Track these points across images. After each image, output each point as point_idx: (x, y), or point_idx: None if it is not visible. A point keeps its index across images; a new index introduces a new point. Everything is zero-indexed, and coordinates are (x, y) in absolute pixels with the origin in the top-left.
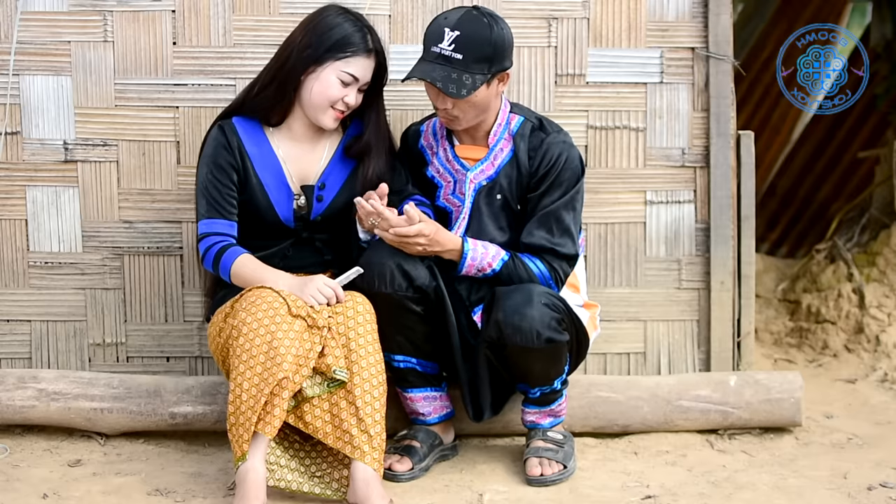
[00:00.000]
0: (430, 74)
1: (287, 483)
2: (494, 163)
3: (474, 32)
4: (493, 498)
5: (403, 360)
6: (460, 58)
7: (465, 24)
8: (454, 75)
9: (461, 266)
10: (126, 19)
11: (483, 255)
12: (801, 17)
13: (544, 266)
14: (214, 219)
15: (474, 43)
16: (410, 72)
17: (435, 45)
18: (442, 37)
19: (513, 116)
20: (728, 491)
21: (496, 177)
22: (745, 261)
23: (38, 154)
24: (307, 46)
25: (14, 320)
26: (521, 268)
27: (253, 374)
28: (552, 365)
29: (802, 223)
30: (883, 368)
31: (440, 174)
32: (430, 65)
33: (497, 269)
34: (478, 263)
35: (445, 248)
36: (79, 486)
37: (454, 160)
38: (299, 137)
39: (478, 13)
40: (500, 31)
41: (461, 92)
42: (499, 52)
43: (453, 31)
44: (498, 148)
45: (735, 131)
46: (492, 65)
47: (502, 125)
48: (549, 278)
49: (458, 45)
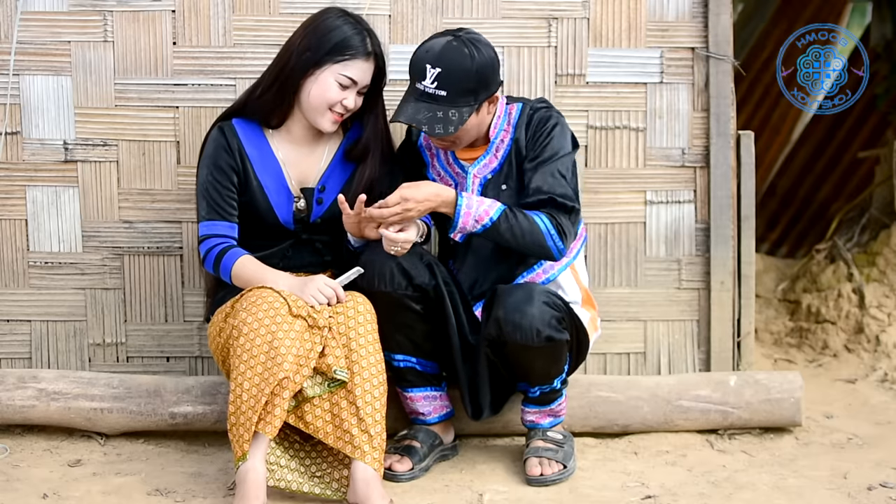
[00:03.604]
0: (414, 118)
1: (287, 483)
2: (497, 155)
3: (456, 67)
4: (493, 498)
5: (403, 359)
6: (444, 94)
7: (447, 58)
8: (440, 113)
9: (457, 217)
10: (126, 19)
11: (479, 204)
12: (801, 17)
13: (546, 216)
14: (215, 221)
15: (457, 78)
16: (396, 113)
17: (419, 82)
18: (424, 74)
19: (511, 107)
20: (728, 491)
21: (500, 168)
22: (745, 261)
23: (38, 154)
24: (306, 49)
25: (14, 320)
26: (521, 219)
27: (253, 374)
28: (552, 363)
29: (802, 223)
30: (883, 368)
31: (441, 177)
32: (415, 105)
33: (495, 218)
34: (474, 213)
35: (435, 202)
36: (79, 486)
37: (454, 163)
38: (299, 140)
39: (458, 43)
40: (482, 59)
41: (448, 129)
42: (483, 82)
43: (434, 67)
44: (499, 140)
45: (735, 131)
46: (477, 95)
47: (500, 118)
48: (551, 227)
49: (440, 81)
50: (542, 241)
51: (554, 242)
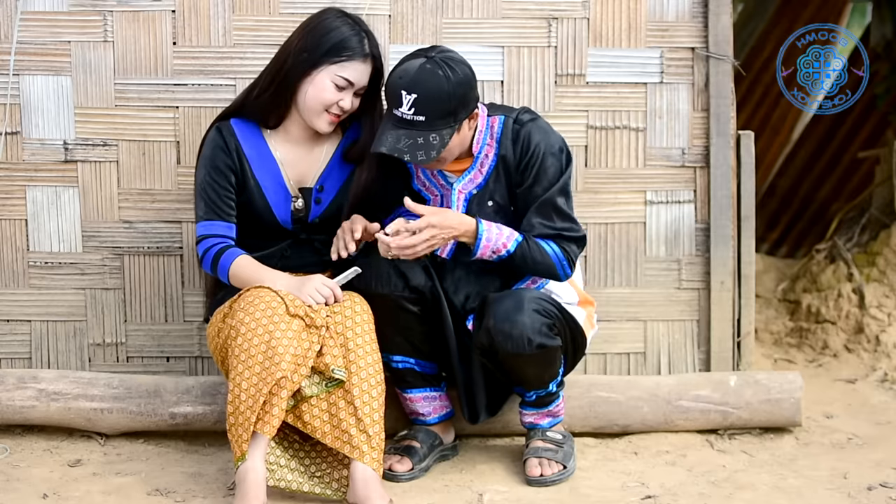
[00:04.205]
0: (395, 147)
1: (287, 483)
2: (482, 170)
3: (432, 90)
4: (493, 498)
5: (402, 360)
6: (423, 119)
7: (422, 82)
8: (420, 139)
9: (476, 247)
10: (126, 19)
11: (498, 236)
12: (801, 17)
13: (557, 247)
14: (213, 221)
15: (434, 102)
16: (376, 143)
17: (396, 109)
18: (400, 101)
19: (493, 119)
20: (728, 491)
21: (486, 184)
22: (745, 261)
23: (38, 154)
24: (303, 49)
25: (14, 320)
26: (535, 249)
27: (251, 374)
28: (545, 369)
29: (802, 223)
30: (883, 368)
31: (427, 188)
32: (394, 133)
33: (512, 251)
34: (493, 245)
35: (459, 230)
36: (79, 486)
37: (438, 174)
38: (297, 140)
39: (432, 65)
40: (457, 79)
41: (430, 155)
42: (461, 101)
43: (410, 93)
44: (483, 154)
45: (735, 131)
46: (457, 115)
47: (483, 131)
48: (562, 258)
49: (417, 107)
50: (553, 270)
51: (563, 269)
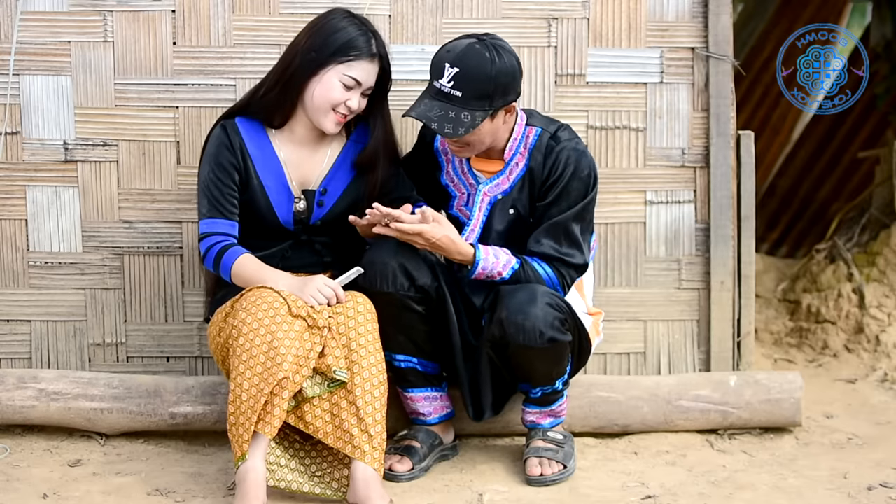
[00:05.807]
0: (426, 114)
1: (287, 483)
2: (510, 177)
3: (475, 69)
4: (493, 498)
5: (404, 359)
6: (459, 95)
7: (466, 59)
8: (451, 113)
9: (471, 272)
10: (126, 19)
11: (494, 265)
12: (801, 17)
13: (553, 271)
14: (216, 218)
15: (474, 80)
16: (410, 109)
17: (436, 80)
18: (442, 72)
19: (530, 129)
20: (728, 491)
21: (510, 191)
22: (745, 261)
23: (38, 154)
24: (311, 49)
25: (14, 320)
26: (530, 274)
27: (253, 374)
28: (554, 365)
29: (802, 223)
30: (883, 368)
31: (454, 184)
32: (429, 102)
33: (506, 278)
34: (488, 272)
35: (452, 255)
36: (79, 486)
37: (468, 172)
38: (301, 141)
39: (481, 46)
40: (502, 65)
41: (458, 131)
42: (500, 88)
43: (453, 66)
44: (514, 163)
45: (735, 131)
46: (493, 101)
47: (518, 140)
48: (556, 283)
49: (456, 81)
50: None
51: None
